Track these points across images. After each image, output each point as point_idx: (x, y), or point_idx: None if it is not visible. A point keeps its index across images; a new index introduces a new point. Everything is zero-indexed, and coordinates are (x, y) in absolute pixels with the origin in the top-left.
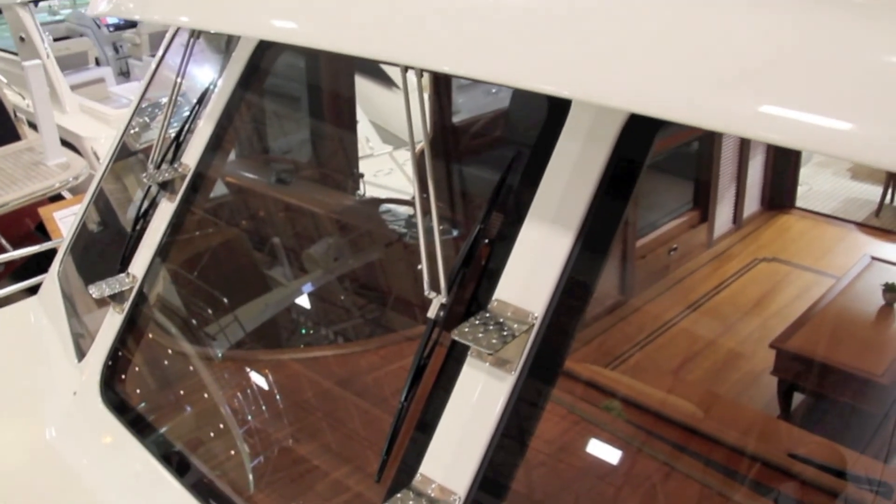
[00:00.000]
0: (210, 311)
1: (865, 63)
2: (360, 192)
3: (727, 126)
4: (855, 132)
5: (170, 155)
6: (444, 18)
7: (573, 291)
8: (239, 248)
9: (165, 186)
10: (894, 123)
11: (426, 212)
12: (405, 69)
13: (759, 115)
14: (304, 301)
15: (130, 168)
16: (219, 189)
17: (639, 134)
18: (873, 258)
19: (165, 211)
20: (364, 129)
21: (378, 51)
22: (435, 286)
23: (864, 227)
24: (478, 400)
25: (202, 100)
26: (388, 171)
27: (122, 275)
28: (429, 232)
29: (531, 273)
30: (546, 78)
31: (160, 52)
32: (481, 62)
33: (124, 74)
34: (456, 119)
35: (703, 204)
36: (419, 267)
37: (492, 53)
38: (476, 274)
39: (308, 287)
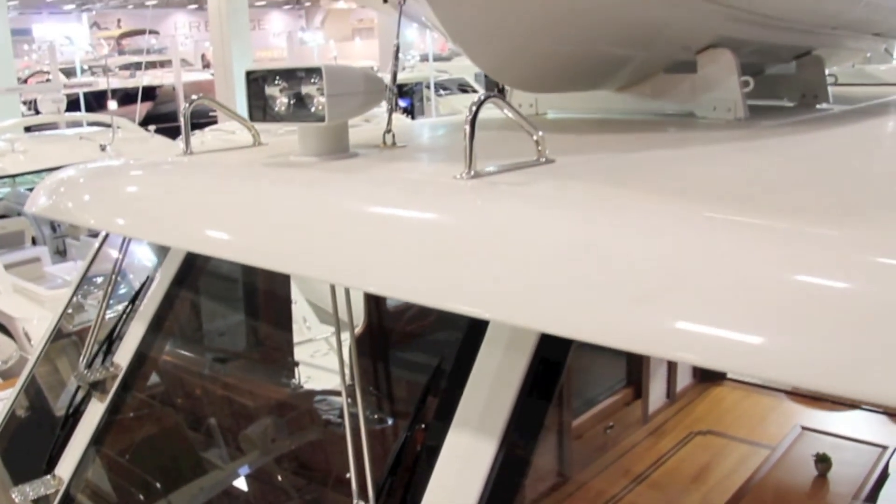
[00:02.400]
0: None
1: (767, 280)
2: (296, 380)
3: (633, 345)
4: (765, 349)
5: (101, 353)
6: (371, 242)
7: (500, 496)
8: (174, 435)
9: (96, 386)
10: (801, 340)
11: (353, 414)
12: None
13: (664, 333)
14: (240, 483)
15: (65, 352)
16: (153, 379)
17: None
18: (803, 428)
19: (96, 411)
20: (301, 310)
21: (307, 269)
22: (363, 495)
23: (793, 395)
24: None
25: (136, 297)
26: (325, 352)
27: (48, 477)
28: (356, 433)
29: (457, 481)
30: (464, 300)
31: (97, 244)
32: (405, 283)
33: (61, 254)
34: (391, 303)
35: (636, 380)
36: (348, 475)
37: (414, 275)
38: (403, 481)
39: (244, 469)
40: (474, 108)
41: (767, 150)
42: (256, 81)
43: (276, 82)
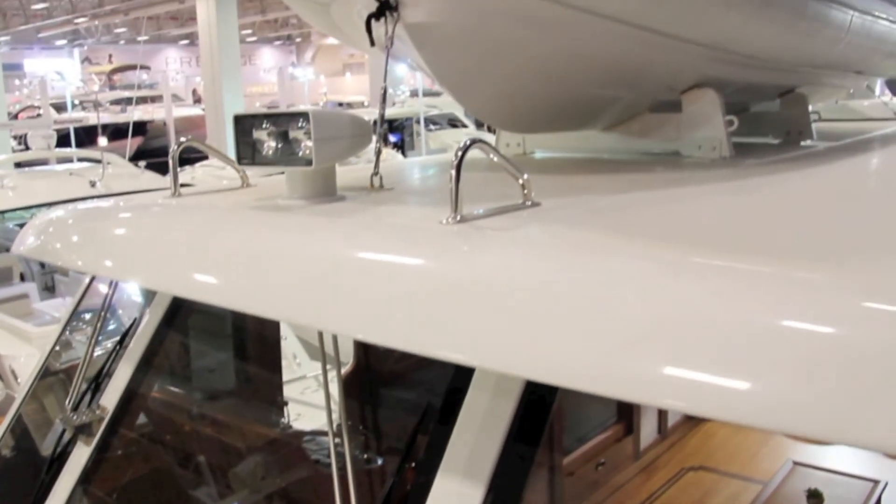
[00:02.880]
0: None
1: (755, 326)
2: (285, 420)
3: (620, 393)
4: (754, 395)
5: (88, 395)
6: (357, 288)
7: None
8: (161, 479)
9: (82, 429)
10: (790, 386)
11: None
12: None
13: (651, 380)
14: None
15: (52, 390)
16: (140, 420)
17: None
18: (795, 462)
19: (81, 454)
20: (291, 346)
21: (294, 315)
22: None
23: None
24: None
25: (123, 338)
26: (315, 389)
27: None
28: (343, 474)
29: None
30: (450, 347)
31: (86, 281)
32: (390, 330)
33: (49, 290)
34: None
35: (627, 416)
36: None
37: (399, 321)
38: None
39: None
40: (460, 154)
41: (752, 190)
42: (244, 125)
43: (264, 126)
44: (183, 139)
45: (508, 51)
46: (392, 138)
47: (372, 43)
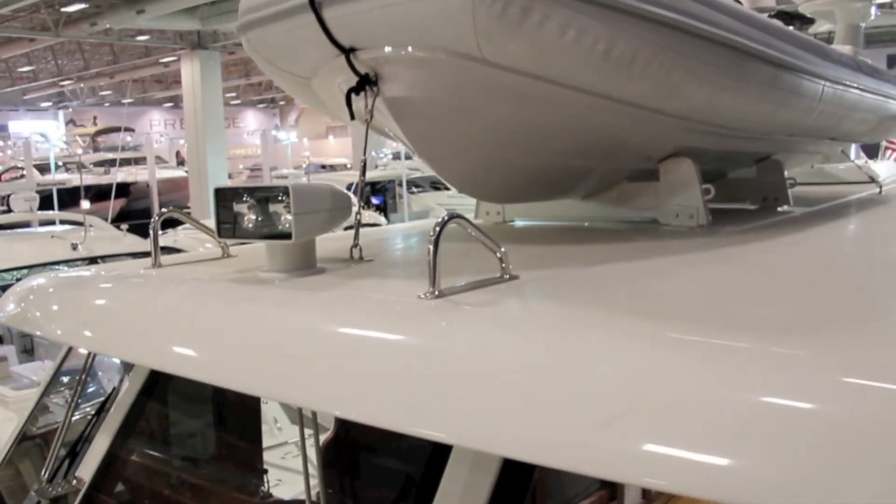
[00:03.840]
0: None
1: (734, 403)
2: (264, 488)
3: (599, 471)
4: (734, 473)
5: (65, 465)
6: (335, 364)
7: None
8: None
9: (57, 501)
10: (771, 462)
11: None
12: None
13: (630, 459)
14: None
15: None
16: (118, 489)
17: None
18: None
19: None
20: (272, 409)
21: (272, 392)
22: None
23: None
24: None
25: (102, 407)
26: (296, 454)
27: None
28: None
29: None
30: (427, 424)
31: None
32: (369, 408)
33: (28, 352)
34: None
35: (610, 482)
36: None
37: (378, 400)
38: None
39: None
40: (438, 229)
41: (730, 260)
42: (225, 198)
43: (245, 199)
44: (164, 209)
45: (486, 124)
46: (374, 201)
47: (352, 116)
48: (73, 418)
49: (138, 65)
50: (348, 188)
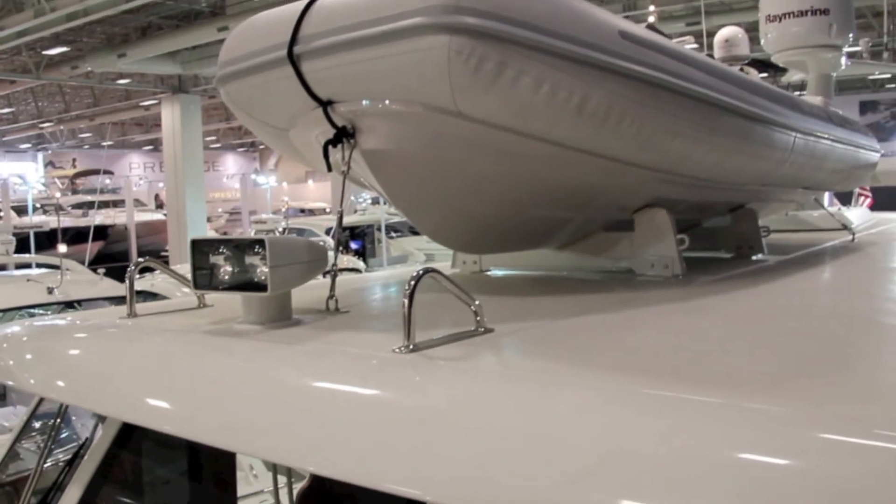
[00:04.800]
0: None
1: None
2: None
3: None
4: None
5: None
6: (309, 419)
7: None
8: None
9: None
10: None
11: None
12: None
13: None
14: None
15: None
16: None
17: None
18: None
19: None
20: (247, 457)
21: (246, 447)
22: None
23: None
24: None
25: (75, 457)
26: (272, 502)
27: None
28: None
29: None
30: (400, 481)
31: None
32: (343, 464)
33: (1, 397)
34: None
35: None
36: None
37: (352, 456)
38: None
39: None
40: (413, 283)
41: (704, 311)
42: (202, 249)
43: (221, 251)
44: (140, 259)
45: (462, 177)
46: (353, 245)
47: (329, 168)
48: (46, 466)
49: (119, 108)
50: (327, 232)
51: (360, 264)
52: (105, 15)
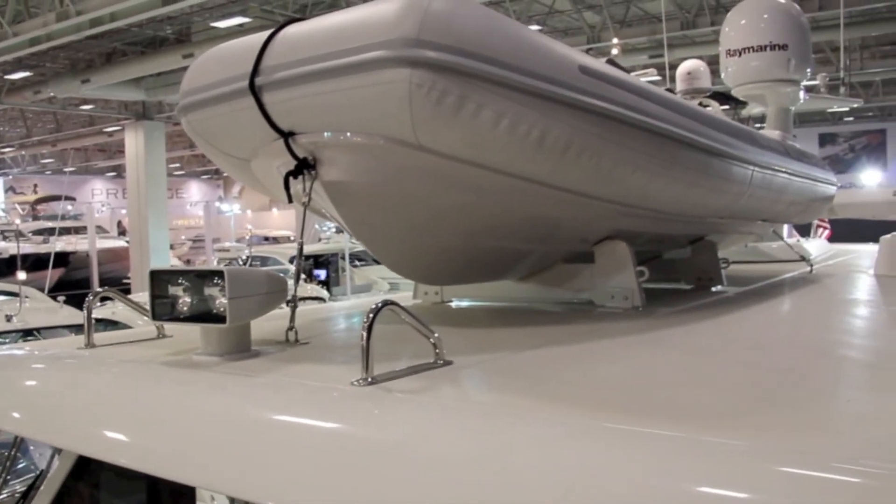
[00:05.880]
0: None
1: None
2: None
3: None
4: None
5: None
6: (266, 453)
7: None
8: None
9: None
10: None
11: None
12: None
13: None
14: None
15: None
16: None
17: None
18: None
19: None
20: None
21: (201, 480)
22: None
23: None
24: None
25: (31, 488)
26: None
27: None
28: None
29: None
30: None
31: None
32: (303, 497)
33: None
34: None
35: None
36: None
37: (309, 488)
38: None
39: None
40: (371, 316)
41: (664, 343)
42: (161, 280)
43: (180, 282)
44: (99, 289)
45: (423, 209)
46: (317, 274)
47: (290, 199)
48: (1, 497)
49: (82, 133)
50: (291, 261)
51: (324, 293)
52: (69, 40)
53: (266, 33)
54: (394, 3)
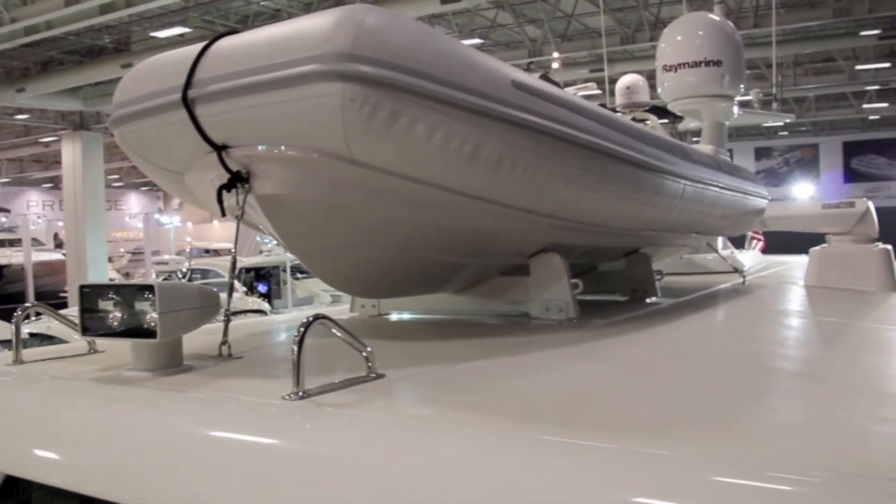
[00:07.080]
0: None
1: None
2: None
3: None
4: None
5: None
6: (198, 468)
7: None
8: None
9: None
10: None
11: None
12: None
13: None
14: None
15: None
16: None
17: None
18: None
19: None
20: None
21: (132, 497)
22: None
23: None
24: None
25: None
26: None
27: None
28: None
29: None
30: None
31: None
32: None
33: None
34: None
35: None
36: None
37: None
38: None
39: None
40: (302, 330)
41: (598, 354)
42: (90, 295)
43: (110, 297)
44: (28, 304)
45: (357, 222)
46: (259, 287)
47: (223, 213)
48: None
49: (17, 144)
50: None
51: (266, 306)
52: (3, 48)
53: (200, 45)
54: (327, 17)
